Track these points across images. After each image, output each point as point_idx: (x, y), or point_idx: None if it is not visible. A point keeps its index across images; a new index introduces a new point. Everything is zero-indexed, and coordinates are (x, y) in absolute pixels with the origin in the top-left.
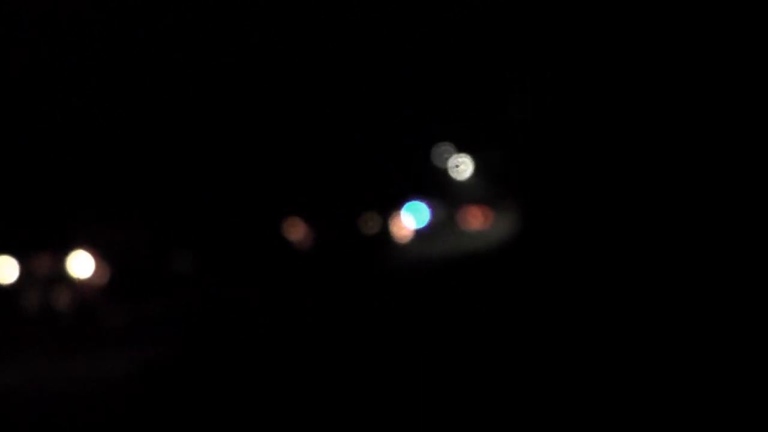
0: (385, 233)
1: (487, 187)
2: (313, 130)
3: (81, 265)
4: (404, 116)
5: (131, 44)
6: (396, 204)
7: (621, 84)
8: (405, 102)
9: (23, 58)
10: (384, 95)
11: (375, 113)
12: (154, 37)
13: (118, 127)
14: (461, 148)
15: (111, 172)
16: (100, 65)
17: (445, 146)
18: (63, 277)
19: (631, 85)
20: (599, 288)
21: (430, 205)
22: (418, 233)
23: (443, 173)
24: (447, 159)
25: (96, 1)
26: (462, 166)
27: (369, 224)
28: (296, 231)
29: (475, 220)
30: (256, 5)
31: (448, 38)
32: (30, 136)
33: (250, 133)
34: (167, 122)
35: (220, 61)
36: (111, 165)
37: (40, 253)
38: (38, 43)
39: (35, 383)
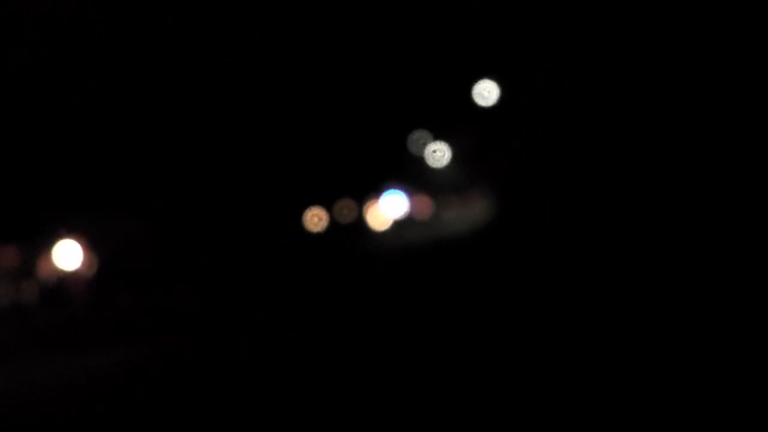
0: (361, 223)
1: (465, 173)
2: (288, 120)
3: (67, 255)
4: (379, 104)
5: (131, 44)
6: (372, 193)
7: (598, 71)
8: (380, 90)
9: (23, 58)
10: (359, 84)
11: (350, 102)
12: (154, 37)
13: (114, 125)
14: (438, 135)
15: (106, 167)
16: (100, 65)
17: (421, 133)
18: (47, 269)
19: (607, 73)
20: (575, 275)
21: (407, 194)
22: (396, 222)
23: (420, 161)
24: (424, 146)
25: (96, 1)
26: (439, 153)
27: (345, 214)
28: (275, 223)
29: (425, 209)
30: (256, 5)
31: (423, 27)
32: (27, 134)
33: (232, 126)
34: (163, 119)
35: (221, 61)
36: (107, 161)
37: (17, 244)
38: (38, 43)
39: (17, 384)
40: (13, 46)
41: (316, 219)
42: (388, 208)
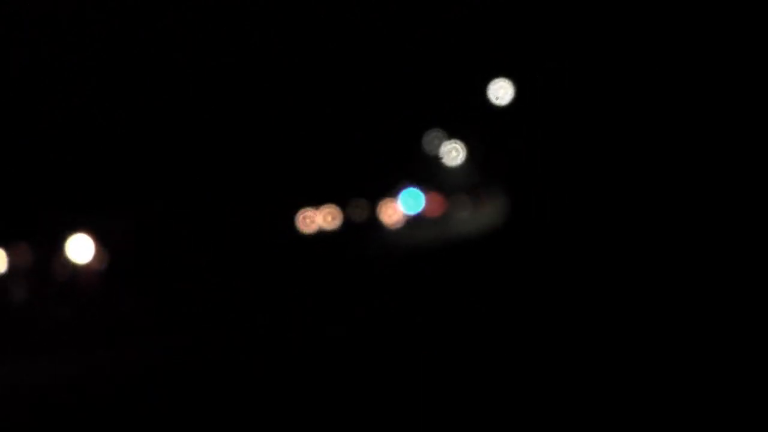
0: (376, 220)
1: (479, 172)
2: (304, 120)
3: (80, 249)
4: (395, 104)
5: (131, 44)
6: (387, 191)
7: (609, 74)
8: (396, 90)
9: (23, 58)
10: (375, 84)
11: (366, 102)
12: (154, 37)
13: (118, 123)
14: (453, 135)
15: (111, 163)
16: (100, 65)
17: (436, 133)
18: (61, 263)
19: (618, 76)
20: (586, 274)
21: (422, 192)
22: (410, 220)
23: (435, 160)
24: (438, 145)
25: (96, 1)
26: (454, 153)
27: (361, 211)
28: (290, 220)
29: (438, 208)
30: (256, 5)
31: (437, 28)
32: (33, 132)
33: (241, 125)
34: (166, 118)
35: (221, 61)
36: (112, 158)
37: (34, 240)
38: (38, 43)
39: (31, 377)
40: (14, 46)
41: (330, 218)
42: (402, 206)
